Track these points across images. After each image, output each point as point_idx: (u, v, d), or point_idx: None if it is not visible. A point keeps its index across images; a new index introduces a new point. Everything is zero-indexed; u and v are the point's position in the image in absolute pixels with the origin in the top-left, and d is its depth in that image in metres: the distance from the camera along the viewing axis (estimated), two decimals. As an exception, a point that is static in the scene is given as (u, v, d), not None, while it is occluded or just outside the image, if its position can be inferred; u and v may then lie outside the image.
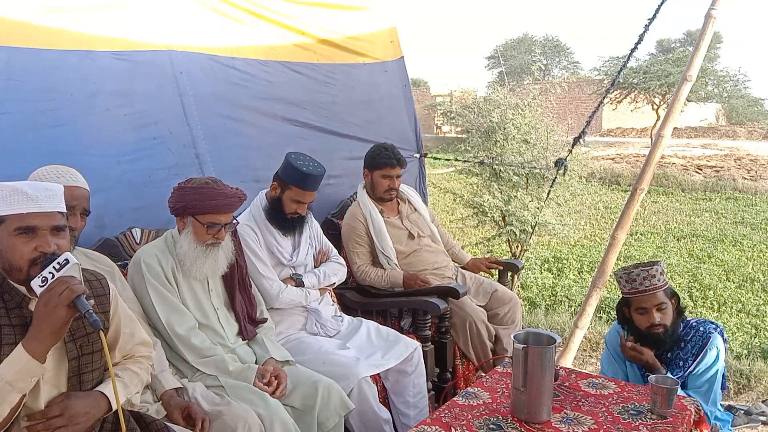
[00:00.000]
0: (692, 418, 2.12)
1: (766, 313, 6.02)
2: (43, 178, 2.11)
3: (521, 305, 3.63)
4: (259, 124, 3.46)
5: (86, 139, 2.71)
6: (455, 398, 2.22)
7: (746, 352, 4.81)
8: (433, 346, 3.13)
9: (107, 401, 1.68)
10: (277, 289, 2.81)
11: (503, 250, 7.13)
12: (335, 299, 3.20)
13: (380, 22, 4.17)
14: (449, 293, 3.20)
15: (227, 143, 3.29)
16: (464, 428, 2.00)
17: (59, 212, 1.63)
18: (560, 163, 4.44)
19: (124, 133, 2.85)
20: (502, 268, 3.85)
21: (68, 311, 1.51)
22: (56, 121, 2.62)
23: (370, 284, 3.39)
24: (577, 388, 2.29)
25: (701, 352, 2.46)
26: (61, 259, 1.55)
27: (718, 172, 14.76)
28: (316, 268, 3.05)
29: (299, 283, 2.92)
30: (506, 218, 5.99)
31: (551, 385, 2.05)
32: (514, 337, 2.09)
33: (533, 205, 5.88)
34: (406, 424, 2.80)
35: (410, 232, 3.54)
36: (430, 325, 3.13)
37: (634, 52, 4.05)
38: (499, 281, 3.79)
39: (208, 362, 2.36)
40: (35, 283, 1.54)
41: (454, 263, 3.69)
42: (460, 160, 6.28)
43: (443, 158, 7.05)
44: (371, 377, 2.64)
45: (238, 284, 2.58)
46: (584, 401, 2.18)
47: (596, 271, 3.93)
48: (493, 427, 2.02)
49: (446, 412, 2.12)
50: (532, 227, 5.85)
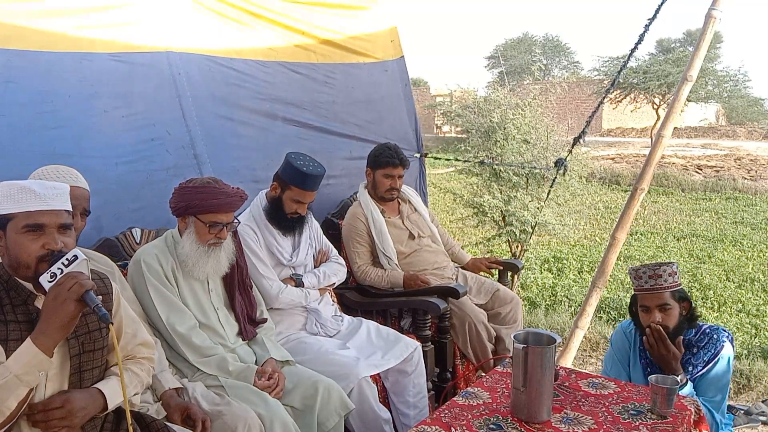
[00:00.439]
0: (692, 418, 2.11)
1: (766, 313, 6.00)
2: (43, 178, 2.12)
3: (521, 305, 3.63)
4: (258, 124, 3.46)
5: (84, 140, 2.71)
6: (455, 398, 2.22)
7: (746, 352, 4.80)
8: (433, 346, 3.13)
9: (104, 399, 1.70)
10: (276, 289, 2.81)
11: (503, 250, 7.12)
12: (335, 299, 3.20)
13: (380, 21, 4.17)
14: (449, 293, 3.20)
15: (226, 144, 3.28)
16: (464, 428, 2.00)
17: (66, 211, 1.66)
18: (560, 163, 4.44)
19: (122, 134, 2.85)
20: (502, 268, 3.85)
21: (77, 306, 1.53)
22: (55, 122, 2.63)
23: (370, 284, 3.39)
24: (577, 388, 2.29)
25: (713, 359, 2.43)
26: (70, 255, 1.58)
27: (718, 172, 14.75)
28: (316, 268, 3.05)
29: (299, 283, 2.92)
30: (506, 218, 5.98)
31: (551, 385, 2.05)
32: (514, 337, 2.09)
33: (533, 205, 5.87)
34: (406, 424, 2.80)
35: (411, 232, 3.54)
36: (430, 325, 3.13)
37: (634, 52, 4.05)
38: (499, 281, 3.79)
39: (209, 361, 2.36)
40: (44, 278, 1.55)
41: (454, 263, 3.70)
42: (460, 160, 6.27)
43: (443, 158, 7.05)
44: (371, 377, 2.64)
45: (237, 285, 2.58)
46: (584, 401, 2.18)
47: (596, 271, 3.92)
48: (493, 427, 2.01)
49: (446, 412, 2.11)
50: (532, 227, 5.84)
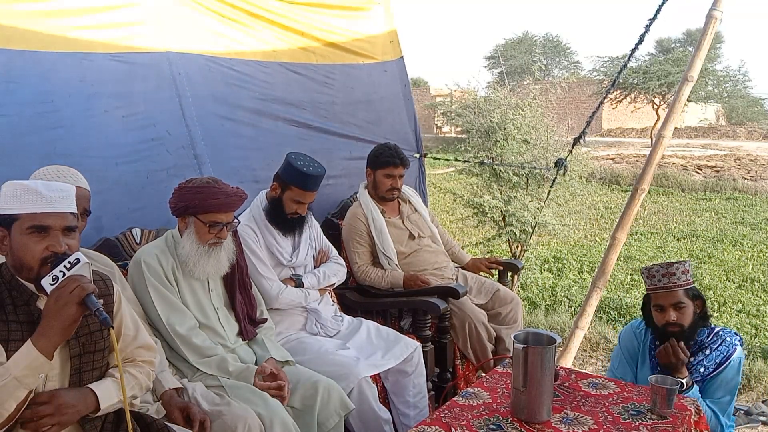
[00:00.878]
0: (692, 418, 2.11)
1: (766, 313, 6.00)
2: (43, 178, 2.12)
3: (522, 305, 3.63)
4: (258, 124, 3.45)
5: (84, 140, 2.71)
6: (455, 398, 2.22)
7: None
8: (433, 346, 3.13)
9: (95, 399, 1.68)
10: (276, 289, 2.81)
11: (503, 250, 7.12)
12: (335, 299, 3.20)
13: (380, 22, 4.17)
14: (449, 293, 3.20)
15: (226, 144, 3.28)
16: (464, 428, 2.00)
17: (71, 213, 1.66)
18: (560, 163, 4.45)
19: (122, 134, 2.85)
20: (502, 268, 3.85)
21: (78, 309, 1.53)
22: (55, 123, 2.62)
23: (370, 284, 3.39)
24: (577, 388, 2.29)
25: (724, 362, 2.43)
26: (72, 258, 1.58)
27: (718, 172, 14.75)
28: (315, 268, 3.05)
29: (299, 283, 2.92)
30: (506, 218, 5.98)
31: (551, 385, 2.05)
32: (514, 337, 2.09)
33: (533, 205, 5.87)
34: (406, 424, 2.80)
35: (411, 232, 3.54)
36: (430, 325, 3.13)
37: (634, 52, 4.04)
38: (499, 281, 3.79)
39: (209, 362, 2.36)
40: (46, 281, 1.56)
41: (454, 263, 3.69)
42: (460, 160, 6.27)
43: (443, 158, 7.05)
44: (371, 377, 2.64)
45: (238, 284, 2.58)
46: (584, 401, 2.18)
47: (596, 271, 3.92)
48: (493, 427, 2.02)
49: (446, 412, 2.11)
50: (532, 227, 5.84)
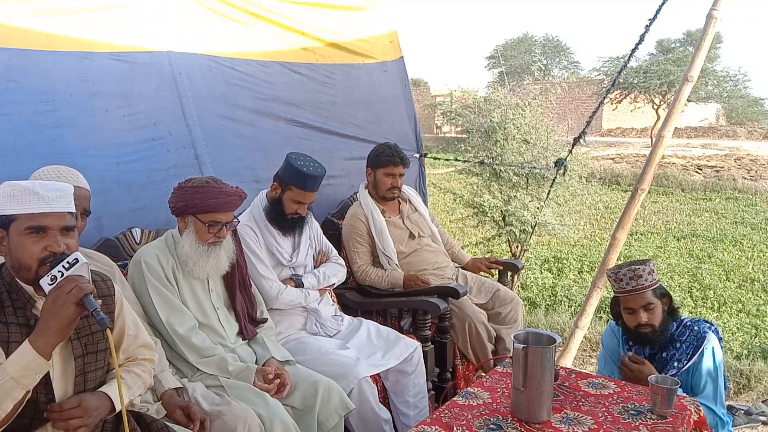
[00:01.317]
0: (692, 418, 2.11)
1: (766, 313, 6.00)
2: (43, 178, 2.11)
3: (522, 305, 3.63)
4: (258, 124, 3.46)
5: (85, 140, 2.71)
6: (455, 398, 2.22)
7: (746, 352, 4.80)
8: (433, 346, 3.13)
9: (111, 402, 1.71)
10: (276, 289, 2.81)
11: (503, 250, 7.12)
12: (335, 299, 3.20)
13: (380, 22, 4.17)
14: (449, 293, 3.20)
15: (226, 144, 3.28)
16: (464, 428, 2.00)
17: (69, 213, 1.65)
18: (560, 163, 4.45)
19: (123, 134, 2.85)
20: (502, 268, 3.85)
21: (76, 309, 1.53)
22: (55, 122, 2.63)
23: (370, 284, 3.39)
24: (577, 388, 2.29)
25: (696, 352, 2.45)
26: (70, 258, 1.57)
27: (718, 172, 14.74)
28: (315, 268, 3.05)
29: (299, 283, 2.92)
30: (506, 218, 5.98)
31: (551, 385, 2.05)
32: (514, 337, 2.09)
33: (533, 205, 5.87)
34: (406, 424, 2.80)
35: (411, 232, 3.54)
36: (430, 325, 3.13)
37: (634, 52, 4.04)
38: (499, 281, 3.79)
39: (208, 362, 2.36)
40: (44, 281, 1.55)
41: (454, 264, 3.69)
42: (460, 160, 6.27)
43: (443, 158, 7.04)
44: (371, 377, 2.64)
45: (238, 284, 2.58)
46: (584, 401, 2.18)
47: (596, 271, 3.93)
48: (493, 427, 2.02)
49: (446, 412, 2.11)
50: (532, 227, 5.84)
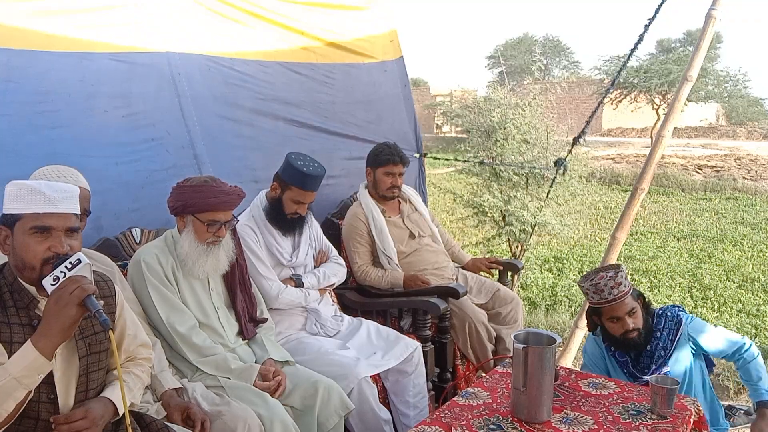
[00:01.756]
0: (692, 418, 2.11)
1: (766, 313, 6.01)
2: (44, 178, 2.11)
3: (522, 305, 3.63)
4: (257, 124, 3.45)
5: (84, 140, 2.71)
6: (455, 398, 2.21)
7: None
8: (433, 346, 3.13)
9: (113, 406, 1.72)
10: (276, 289, 2.81)
11: (503, 250, 7.13)
12: (335, 299, 3.19)
13: (380, 22, 4.16)
14: (449, 293, 3.19)
15: (226, 144, 3.28)
16: (464, 428, 2.00)
17: (74, 214, 1.66)
18: (560, 162, 4.44)
19: (122, 134, 2.85)
20: (502, 268, 3.84)
21: (78, 310, 1.53)
22: (54, 122, 2.62)
23: (370, 284, 3.38)
24: (577, 388, 2.29)
25: (678, 333, 2.54)
26: (73, 258, 1.57)
27: (718, 172, 14.75)
28: (315, 268, 3.05)
29: (299, 283, 2.92)
30: (506, 218, 5.99)
31: (551, 385, 2.05)
32: (514, 337, 2.09)
33: (533, 205, 5.88)
34: (406, 424, 2.80)
35: (411, 231, 3.54)
36: (430, 325, 3.13)
37: (634, 51, 4.05)
38: (499, 281, 3.79)
39: (209, 361, 2.36)
40: (47, 281, 1.55)
41: (454, 264, 3.69)
42: (460, 160, 6.27)
43: (443, 158, 7.04)
44: (371, 377, 2.63)
45: (239, 283, 2.58)
46: (584, 401, 2.18)
47: (596, 271, 3.91)
48: (493, 427, 2.01)
49: (446, 412, 2.11)
50: (532, 227, 5.85)
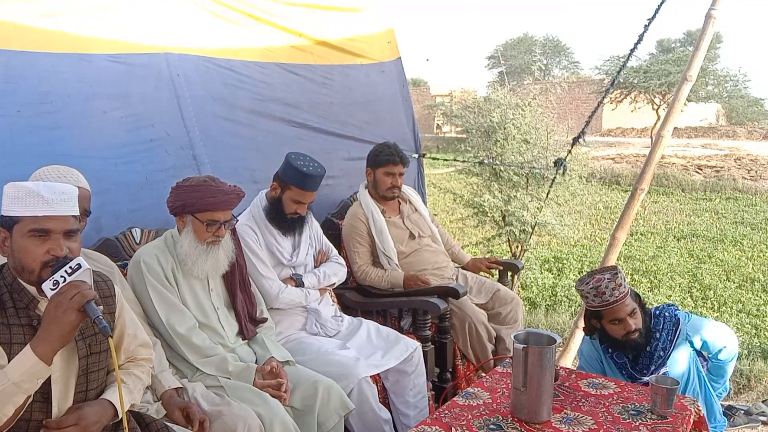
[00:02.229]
0: (692, 418, 2.11)
1: (766, 313, 6.01)
2: (43, 178, 2.11)
3: (522, 305, 3.63)
4: (256, 125, 3.45)
5: (83, 141, 2.71)
6: (455, 398, 2.21)
7: (746, 352, 4.79)
8: (433, 346, 3.12)
9: (114, 408, 1.71)
10: (276, 289, 2.81)
11: (503, 250, 7.13)
12: (335, 299, 3.19)
13: (378, 23, 4.17)
14: (449, 293, 3.19)
15: (225, 145, 3.28)
16: (464, 428, 2.00)
17: (73, 216, 1.65)
18: (560, 163, 4.44)
19: (120, 135, 2.85)
20: (502, 268, 3.84)
21: (78, 316, 1.52)
22: (53, 123, 2.63)
23: (370, 284, 3.38)
24: (577, 388, 2.28)
25: (676, 333, 2.55)
26: (73, 263, 1.56)
27: (718, 172, 14.74)
28: (316, 268, 3.05)
29: (299, 283, 2.92)
30: (506, 218, 5.99)
31: (551, 385, 2.05)
32: (514, 337, 2.09)
33: (533, 205, 5.88)
34: (406, 424, 2.79)
35: (411, 232, 3.53)
36: (430, 325, 3.13)
37: (634, 51, 4.05)
38: (499, 281, 3.79)
39: (209, 362, 2.36)
40: (46, 286, 1.55)
41: (454, 264, 3.69)
42: (460, 160, 6.27)
43: (443, 158, 7.04)
44: (371, 377, 2.63)
45: (239, 283, 2.58)
46: (584, 401, 2.18)
47: (596, 271, 3.91)
48: (493, 427, 2.01)
49: (446, 412, 2.11)
50: (532, 227, 5.84)
